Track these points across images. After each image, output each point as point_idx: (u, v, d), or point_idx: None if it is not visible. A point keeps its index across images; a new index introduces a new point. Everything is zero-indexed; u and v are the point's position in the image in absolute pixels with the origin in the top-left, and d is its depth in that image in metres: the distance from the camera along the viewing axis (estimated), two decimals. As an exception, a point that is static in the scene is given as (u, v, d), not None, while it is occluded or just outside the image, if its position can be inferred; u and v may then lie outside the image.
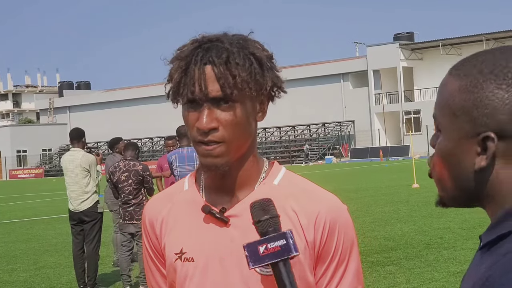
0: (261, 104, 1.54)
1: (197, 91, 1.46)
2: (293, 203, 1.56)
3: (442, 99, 1.10)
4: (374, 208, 15.72)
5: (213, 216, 1.55)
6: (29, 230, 16.15)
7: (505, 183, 1.05)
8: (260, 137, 62.10)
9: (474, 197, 1.09)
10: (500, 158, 1.04)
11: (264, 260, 1.36)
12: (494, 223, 1.05)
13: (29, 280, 9.68)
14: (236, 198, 1.57)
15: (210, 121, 1.47)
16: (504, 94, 1.02)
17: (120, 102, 71.38)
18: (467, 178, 1.07)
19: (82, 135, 8.57)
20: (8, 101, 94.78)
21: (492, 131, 1.03)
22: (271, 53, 1.56)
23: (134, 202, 8.23)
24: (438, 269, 8.25)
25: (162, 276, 1.66)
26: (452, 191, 1.10)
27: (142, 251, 9.08)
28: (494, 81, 1.04)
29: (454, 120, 1.07)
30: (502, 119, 1.02)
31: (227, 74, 1.45)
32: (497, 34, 53.50)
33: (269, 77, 1.52)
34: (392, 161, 46.32)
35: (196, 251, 1.55)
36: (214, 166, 1.51)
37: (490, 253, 1.04)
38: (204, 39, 1.51)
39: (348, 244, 1.57)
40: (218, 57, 1.46)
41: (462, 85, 1.06)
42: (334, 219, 1.55)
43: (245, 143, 1.54)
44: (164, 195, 1.68)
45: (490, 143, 1.03)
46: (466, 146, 1.06)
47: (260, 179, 1.59)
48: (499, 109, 1.02)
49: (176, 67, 1.50)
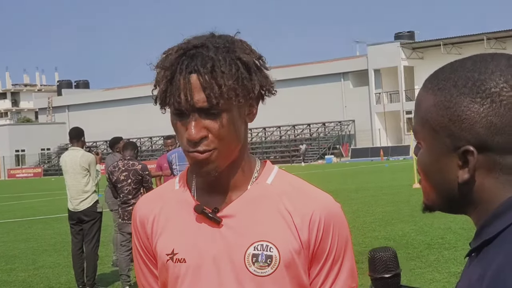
0: (250, 106, 1.53)
1: (183, 102, 1.45)
2: (286, 202, 1.55)
3: (420, 114, 1.10)
4: (374, 208, 15.68)
5: (206, 217, 1.54)
6: (28, 230, 16.12)
7: (487, 191, 1.06)
8: (260, 136, 62.17)
9: (458, 206, 1.10)
10: (482, 168, 1.05)
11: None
12: (479, 229, 1.07)
13: (28, 280, 9.64)
14: (228, 198, 1.56)
15: (199, 130, 1.46)
16: (479, 108, 1.03)
17: (119, 101, 71.41)
18: (451, 190, 1.08)
19: (81, 135, 8.55)
20: (7, 100, 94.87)
21: (471, 144, 1.04)
22: (259, 54, 1.54)
23: (133, 202, 8.19)
24: (439, 270, 8.21)
25: (153, 276, 1.64)
26: (437, 201, 1.12)
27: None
28: (468, 95, 1.04)
29: (434, 135, 1.08)
30: (480, 132, 1.03)
31: (212, 84, 1.43)
32: (498, 34, 53.56)
33: (257, 80, 1.49)
34: (392, 161, 46.30)
35: (188, 251, 1.54)
36: (205, 173, 1.50)
37: (478, 260, 1.05)
38: (189, 45, 1.48)
39: (343, 243, 1.57)
40: (203, 66, 1.44)
41: (437, 101, 1.07)
42: (328, 218, 1.54)
43: (236, 147, 1.52)
44: (155, 194, 1.66)
45: (470, 157, 1.04)
46: (447, 160, 1.07)
47: (253, 178, 1.58)
48: (476, 123, 1.04)
49: (162, 76, 1.47)
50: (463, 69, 1.07)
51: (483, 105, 1.03)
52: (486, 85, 1.04)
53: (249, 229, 1.52)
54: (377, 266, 1.17)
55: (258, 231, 1.52)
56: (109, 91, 77.24)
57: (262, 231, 1.52)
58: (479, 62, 1.07)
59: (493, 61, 1.07)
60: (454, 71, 1.08)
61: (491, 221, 1.05)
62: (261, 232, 1.52)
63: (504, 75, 1.05)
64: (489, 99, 1.03)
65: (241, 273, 1.50)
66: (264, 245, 1.51)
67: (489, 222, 1.05)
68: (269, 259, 1.50)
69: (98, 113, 72.32)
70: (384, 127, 56.83)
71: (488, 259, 1.02)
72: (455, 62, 1.10)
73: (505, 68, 1.06)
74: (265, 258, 1.50)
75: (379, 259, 1.18)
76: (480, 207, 1.07)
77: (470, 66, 1.07)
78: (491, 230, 1.04)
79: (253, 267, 1.50)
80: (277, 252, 1.50)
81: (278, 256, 1.50)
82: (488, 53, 1.09)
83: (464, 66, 1.08)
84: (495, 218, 1.04)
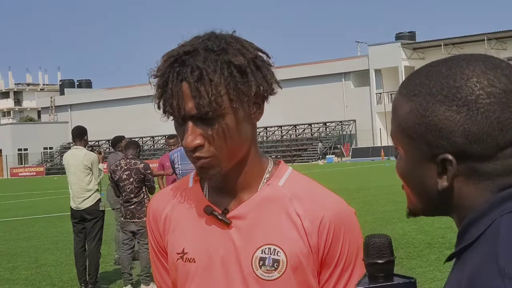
0: (254, 105, 1.49)
1: (176, 110, 1.43)
2: (297, 205, 1.52)
3: (397, 120, 1.09)
4: (375, 207, 15.71)
5: (215, 218, 1.53)
6: (30, 228, 16.14)
7: (466, 198, 1.05)
8: (261, 136, 62.12)
9: (440, 210, 1.10)
10: (461, 176, 1.04)
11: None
12: (458, 235, 1.07)
13: (30, 278, 9.67)
14: (239, 199, 1.54)
15: (194, 138, 1.44)
16: (456, 116, 1.01)
17: (122, 101, 71.38)
18: (431, 196, 1.08)
19: (84, 133, 8.57)
20: (10, 99, 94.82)
21: (449, 153, 1.02)
22: (256, 53, 1.49)
23: (135, 201, 8.23)
24: (440, 269, 8.23)
25: (167, 271, 1.65)
26: (419, 206, 1.12)
27: (143, 249, 9.06)
28: (444, 103, 1.02)
29: (411, 142, 1.06)
30: (458, 141, 1.02)
31: (201, 92, 1.41)
32: (498, 34, 53.49)
33: (254, 81, 1.45)
34: (393, 161, 46.19)
35: (198, 252, 1.54)
36: (207, 176, 1.49)
37: (457, 266, 1.06)
38: (180, 51, 1.45)
39: (354, 249, 1.53)
40: (191, 73, 1.41)
41: (413, 108, 1.05)
42: (339, 224, 1.52)
43: (241, 149, 1.50)
44: (169, 191, 1.66)
45: (449, 166, 1.03)
46: (425, 167, 1.06)
47: (264, 179, 1.55)
48: (453, 132, 1.02)
49: (157, 84, 1.47)
50: (438, 74, 1.04)
51: (460, 113, 1.01)
52: (462, 93, 1.02)
53: (258, 232, 1.51)
54: (370, 251, 1.21)
55: (266, 234, 1.50)
56: (111, 90, 77.17)
57: (270, 234, 1.50)
58: (454, 67, 1.04)
59: (468, 67, 1.04)
60: (428, 77, 1.05)
61: (468, 227, 1.04)
62: (269, 235, 1.50)
63: (480, 81, 1.02)
64: (466, 107, 1.01)
65: (248, 276, 1.49)
66: (272, 249, 1.49)
67: (466, 228, 1.05)
68: (276, 263, 1.49)
69: (101, 112, 72.29)
70: (385, 127, 56.79)
71: (465, 265, 1.02)
72: (430, 66, 1.08)
73: (482, 73, 1.03)
74: (272, 262, 1.49)
75: (372, 244, 1.21)
76: (460, 213, 1.07)
77: (445, 72, 1.04)
78: (468, 237, 1.04)
79: (260, 270, 1.49)
80: (284, 256, 1.49)
81: (285, 260, 1.49)
82: (463, 56, 1.07)
83: (439, 72, 1.05)
84: (471, 224, 1.04)
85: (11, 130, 72.14)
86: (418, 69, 1.10)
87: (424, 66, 1.09)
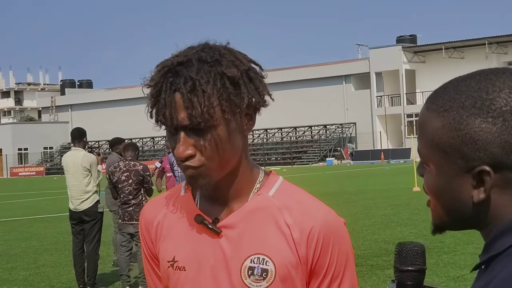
0: (246, 116, 1.50)
1: (168, 120, 1.44)
2: (286, 215, 1.53)
3: (427, 136, 1.09)
4: (374, 211, 15.70)
5: (206, 227, 1.54)
6: (29, 229, 16.15)
7: (501, 208, 1.06)
8: (262, 138, 62.13)
9: (470, 224, 1.11)
10: (496, 187, 1.05)
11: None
12: (488, 244, 1.07)
13: (29, 279, 9.68)
14: (229, 208, 1.56)
15: (185, 148, 1.45)
16: (492, 128, 1.03)
17: (122, 101, 71.37)
18: (464, 210, 1.08)
19: (83, 135, 8.59)
20: (10, 99, 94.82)
21: (486, 164, 1.03)
22: (249, 65, 1.50)
23: (133, 203, 8.24)
24: (438, 274, 8.23)
25: (159, 278, 1.67)
26: (448, 221, 1.12)
27: (141, 251, 9.03)
28: (478, 115, 1.04)
29: (445, 156, 1.07)
30: (495, 152, 1.03)
31: (193, 103, 1.42)
32: (499, 38, 53.49)
33: (246, 93, 1.46)
34: (393, 164, 46.26)
35: (188, 260, 1.55)
36: (196, 185, 1.51)
37: (485, 273, 1.06)
38: (174, 61, 1.46)
39: (343, 260, 1.54)
40: (185, 84, 1.42)
41: (446, 123, 1.06)
42: (327, 234, 1.52)
43: (231, 159, 1.51)
44: (161, 199, 1.68)
45: (486, 177, 1.04)
46: (460, 181, 1.07)
47: (255, 189, 1.56)
48: (490, 143, 1.03)
49: (150, 94, 1.48)
50: (468, 89, 1.06)
51: (495, 124, 1.03)
52: (496, 104, 1.04)
53: (247, 241, 1.52)
54: (404, 258, 1.18)
55: (255, 244, 1.52)
56: (112, 90, 77.19)
57: (259, 243, 1.51)
58: (484, 80, 1.06)
59: (498, 79, 1.06)
60: (458, 92, 1.07)
61: (500, 236, 1.05)
62: (259, 245, 1.51)
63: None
64: (501, 118, 1.03)
65: (237, 285, 1.51)
66: (261, 258, 1.51)
67: (497, 237, 1.05)
68: (265, 273, 1.50)
69: (101, 112, 72.31)
70: (385, 130, 56.79)
71: (493, 273, 1.03)
72: (457, 81, 1.09)
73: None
74: (261, 272, 1.50)
75: (407, 251, 1.19)
76: (492, 223, 1.07)
77: (475, 86, 1.06)
78: (498, 246, 1.04)
79: (249, 280, 1.50)
80: (273, 266, 1.50)
81: (274, 270, 1.50)
82: (490, 70, 1.09)
83: (469, 86, 1.06)
84: (504, 233, 1.05)
85: (11, 130, 72.16)
86: (443, 85, 1.11)
87: (448, 82, 1.11)
